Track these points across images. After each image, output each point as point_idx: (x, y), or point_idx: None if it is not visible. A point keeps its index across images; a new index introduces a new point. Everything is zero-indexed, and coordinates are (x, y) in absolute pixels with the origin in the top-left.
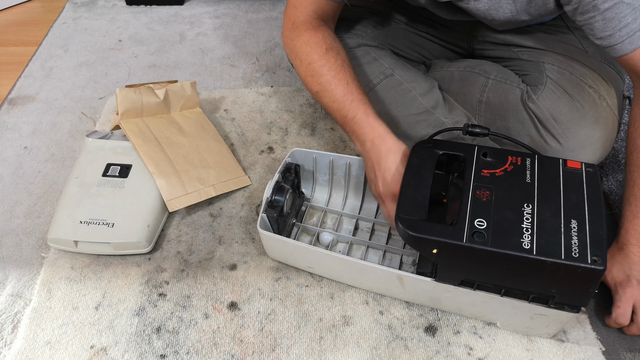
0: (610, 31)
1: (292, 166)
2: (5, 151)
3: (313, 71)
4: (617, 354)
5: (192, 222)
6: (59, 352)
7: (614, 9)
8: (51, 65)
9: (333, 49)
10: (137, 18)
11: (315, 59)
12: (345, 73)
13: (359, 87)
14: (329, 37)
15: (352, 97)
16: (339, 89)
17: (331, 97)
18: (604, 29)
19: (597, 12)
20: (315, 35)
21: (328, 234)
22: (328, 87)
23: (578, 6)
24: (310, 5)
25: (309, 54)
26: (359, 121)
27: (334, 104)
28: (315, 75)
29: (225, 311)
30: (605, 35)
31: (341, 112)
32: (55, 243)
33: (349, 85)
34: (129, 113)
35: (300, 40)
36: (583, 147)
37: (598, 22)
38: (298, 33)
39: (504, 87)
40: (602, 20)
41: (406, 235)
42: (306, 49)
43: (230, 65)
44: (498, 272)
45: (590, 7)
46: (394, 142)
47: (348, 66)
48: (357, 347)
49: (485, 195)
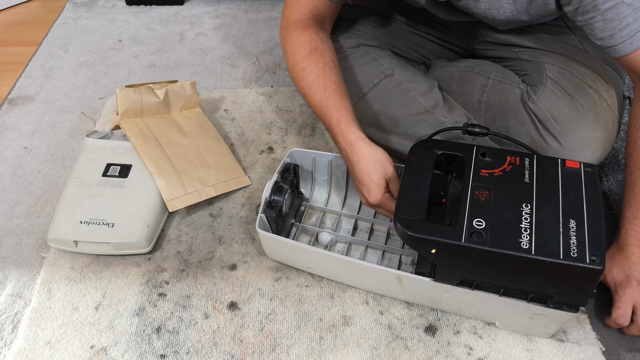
0: (611, 31)
1: (291, 166)
2: (5, 151)
3: (296, 73)
4: (617, 354)
5: (192, 222)
6: (59, 352)
7: (615, 10)
8: (51, 65)
9: (317, 50)
10: (137, 18)
11: (298, 60)
12: (325, 76)
13: (337, 91)
14: (316, 37)
15: (327, 102)
16: (317, 94)
17: (311, 102)
18: (604, 29)
19: (597, 12)
20: (303, 36)
21: (327, 234)
22: (308, 92)
23: (578, 7)
24: (306, 5)
25: (294, 55)
26: (333, 128)
27: (315, 109)
28: (298, 78)
29: (225, 311)
30: (605, 36)
31: (321, 117)
32: (55, 243)
33: (327, 90)
34: (129, 113)
35: (289, 40)
36: (583, 147)
37: (598, 23)
38: (289, 32)
39: (504, 87)
40: (602, 20)
41: (405, 235)
42: (292, 50)
43: (230, 65)
44: (497, 272)
45: (591, 8)
46: (365, 149)
47: (331, 68)
48: (357, 347)
49: (484, 195)
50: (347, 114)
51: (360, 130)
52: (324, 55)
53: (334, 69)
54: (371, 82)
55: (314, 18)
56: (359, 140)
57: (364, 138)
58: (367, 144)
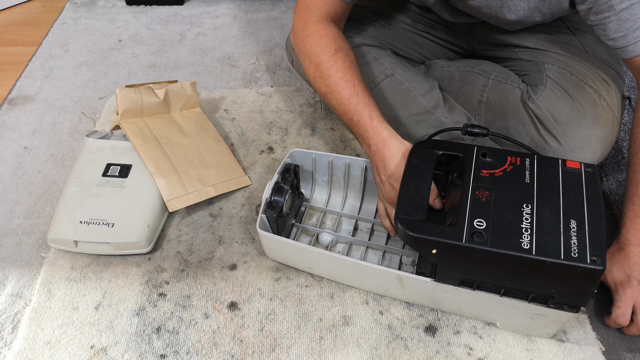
0: (624, 32)
1: (291, 167)
2: (5, 151)
3: (321, 72)
4: (617, 354)
5: (192, 222)
6: (59, 352)
7: (630, 10)
8: (51, 65)
9: (342, 50)
10: (137, 18)
11: (323, 59)
12: (353, 75)
13: (365, 89)
14: (339, 38)
15: (357, 99)
16: (345, 91)
17: (338, 99)
18: (617, 29)
19: (612, 12)
20: (326, 36)
21: (327, 235)
22: (335, 89)
23: (593, 6)
24: (324, 7)
25: (318, 54)
26: (364, 124)
27: (340, 106)
28: (323, 76)
29: (225, 311)
30: (618, 36)
31: (347, 114)
32: (55, 243)
33: (355, 87)
34: (129, 113)
35: (310, 41)
36: (583, 147)
37: (612, 23)
38: (309, 33)
39: (504, 87)
40: (616, 20)
41: (405, 235)
42: (316, 50)
43: (230, 65)
44: (497, 272)
45: (606, 8)
46: (397, 145)
47: (356, 68)
48: (357, 347)
49: (485, 196)
50: (378, 110)
51: (391, 128)
52: (349, 55)
53: (358, 69)
54: (372, 82)
55: (332, 19)
56: (392, 136)
57: (396, 135)
58: (401, 140)
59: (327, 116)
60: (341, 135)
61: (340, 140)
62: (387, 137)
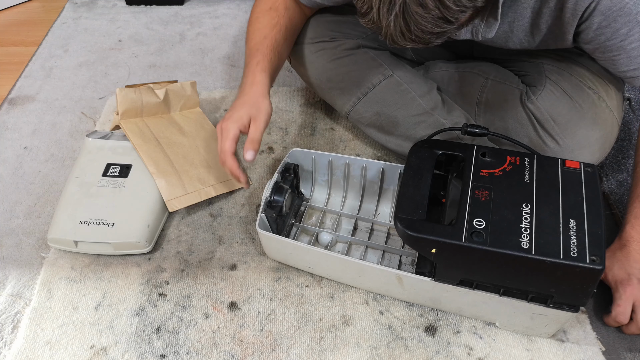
0: (635, 65)
1: (291, 166)
2: (5, 151)
3: (250, 21)
4: (617, 354)
5: (192, 222)
6: (59, 352)
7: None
8: (51, 65)
9: (276, 10)
10: (137, 18)
11: (257, 11)
12: (272, 32)
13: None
14: (282, 4)
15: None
16: (255, 39)
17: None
18: (628, 64)
19: (622, 51)
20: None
21: (327, 234)
22: (250, 35)
23: (599, 47)
24: None
25: (255, 7)
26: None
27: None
28: (250, 24)
29: (225, 311)
30: (629, 69)
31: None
32: (55, 243)
33: (265, 39)
34: (129, 113)
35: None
36: (581, 147)
37: (622, 60)
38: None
39: (503, 87)
40: (626, 58)
41: (405, 235)
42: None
43: (230, 65)
44: (497, 271)
45: (615, 48)
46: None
47: (279, 30)
48: (357, 347)
49: (484, 195)
50: (269, 64)
51: (269, 84)
52: (280, 18)
53: (282, 33)
54: (371, 83)
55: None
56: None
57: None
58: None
59: (327, 116)
60: (341, 136)
61: (340, 140)
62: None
